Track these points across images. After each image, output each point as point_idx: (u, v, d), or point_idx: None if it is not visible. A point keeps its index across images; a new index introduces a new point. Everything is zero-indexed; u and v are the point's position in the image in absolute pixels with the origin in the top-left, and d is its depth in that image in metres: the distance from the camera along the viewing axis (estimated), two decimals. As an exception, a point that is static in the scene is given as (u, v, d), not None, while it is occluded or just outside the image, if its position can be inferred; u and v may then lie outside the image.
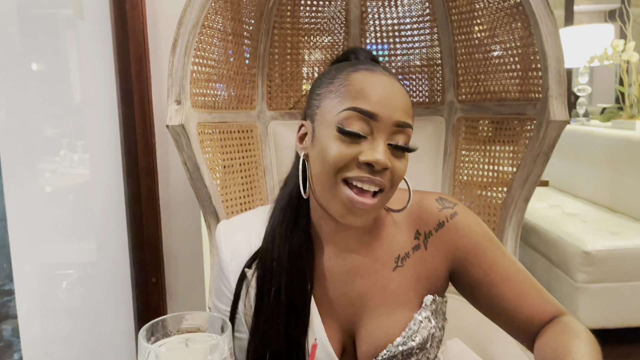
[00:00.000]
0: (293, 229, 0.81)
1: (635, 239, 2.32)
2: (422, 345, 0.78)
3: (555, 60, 1.03)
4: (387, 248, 0.83)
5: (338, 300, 0.81)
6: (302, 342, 0.78)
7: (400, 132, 0.73)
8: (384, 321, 0.79)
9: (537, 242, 2.75)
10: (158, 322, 0.52)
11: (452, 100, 1.37)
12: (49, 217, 1.45)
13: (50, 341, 1.45)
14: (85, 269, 1.54)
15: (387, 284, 0.81)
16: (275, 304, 0.78)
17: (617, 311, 2.32)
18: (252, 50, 1.34)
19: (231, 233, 0.87)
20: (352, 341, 0.82)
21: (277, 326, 0.77)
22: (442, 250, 0.82)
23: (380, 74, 0.74)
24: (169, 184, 1.47)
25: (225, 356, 0.50)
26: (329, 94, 0.75)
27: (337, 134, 0.71)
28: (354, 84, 0.73)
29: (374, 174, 0.71)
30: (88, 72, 1.43)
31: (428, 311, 0.80)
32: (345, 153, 0.71)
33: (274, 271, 0.79)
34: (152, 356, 0.49)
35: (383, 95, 0.72)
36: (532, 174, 1.14)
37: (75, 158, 1.50)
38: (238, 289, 0.82)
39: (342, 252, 0.82)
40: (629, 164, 2.74)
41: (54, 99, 1.43)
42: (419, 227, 0.83)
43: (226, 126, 1.28)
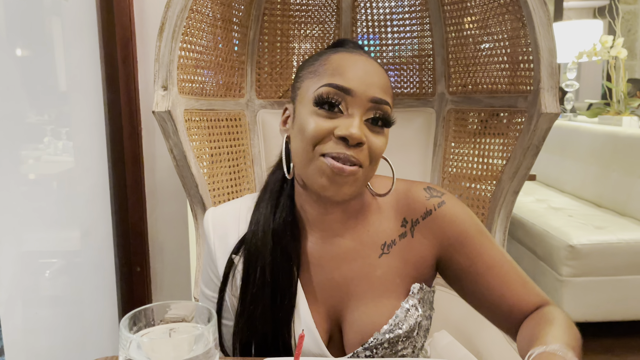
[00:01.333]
0: (277, 210, 0.83)
1: (619, 234, 2.34)
2: (409, 334, 0.78)
3: (548, 52, 1.02)
4: (373, 234, 0.83)
5: (324, 286, 0.81)
6: (288, 325, 0.78)
7: (377, 108, 0.75)
8: (370, 308, 0.79)
9: (523, 236, 2.77)
10: (141, 311, 0.51)
11: (442, 92, 1.36)
12: (32, 205, 1.42)
13: (32, 330, 1.42)
14: (69, 258, 1.51)
15: (373, 271, 0.81)
16: (261, 283, 0.78)
17: (601, 305, 2.35)
18: (241, 37, 1.32)
19: (219, 220, 0.87)
20: (339, 329, 0.81)
21: (263, 307, 0.77)
22: (429, 238, 0.82)
23: (359, 55, 0.77)
24: (155, 172, 1.45)
25: (210, 347, 0.49)
26: (309, 75, 0.78)
27: (314, 108, 0.74)
28: (331, 63, 0.76)
29: (349, 150, 0.72)
30: (73, 57, 1.40)
31: (415, 299, 0.80)
32: (322, 127, 0.73)
33: (259, 251, 0.80)
34: (133, 346, 0.48)
35: (359, 72, 0.74)
36: (522, 167, 1.13)
37: (59, 145, 1.47)
38: (226, 275, 0.82)
39: (328, 237, 0.83)
40: (614, 159, 2.76)
41: (38, 85, 1.40)
42: (406, 214, 0.84)
43: (214, 114, 1.25)
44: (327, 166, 0.72)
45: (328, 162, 0.72)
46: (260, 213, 0.83)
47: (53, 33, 1.42)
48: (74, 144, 1.45)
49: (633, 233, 2.35)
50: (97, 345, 1.49)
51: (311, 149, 0.73)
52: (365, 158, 0.74)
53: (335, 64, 0.75)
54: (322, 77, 0.75)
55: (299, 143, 0.75)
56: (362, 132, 0.72)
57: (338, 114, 0.73)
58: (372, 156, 0.75)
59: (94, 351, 1.47)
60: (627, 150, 2.66)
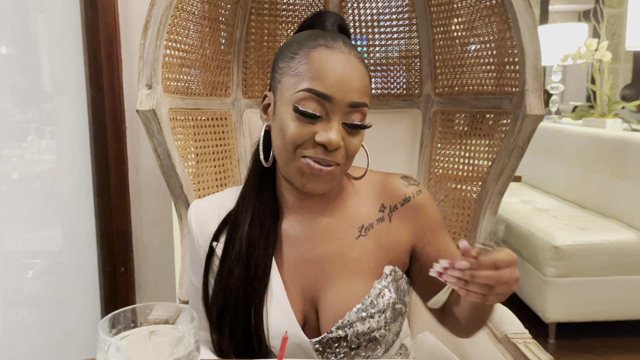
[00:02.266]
0: (260, 190, 0.86)
1: (603, 235, 2.37)
2: (380, 314, 0.80)
3: (533, 54, 1.03)
4: (350, 217, 0.86)
5: (299, 266, 0.84)
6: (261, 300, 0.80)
7: (355, 111, 0.77)
8: (344, 288, 0.81)
9: (508, 237, 2.79)
10: (120, 313, 0.50)
11: (429, 93, 1.36)
12: (14, 204, 1.39)
13: (13, 331, 1.40)
14: (51, 257, 1.49)
15: (349, 252, 0.83)
16: (237, 254, 0.81)
17: (585, 305, 2.37)
18: (227, 36, 1.31)
19: (200, 209, 0.90)
20: (315, 310, 0.83)
21: (237, 276, 0.80)
22: (406, 225, 0.87)
23: (338, 53, 0.76)
24: (139, 172, 1.43)
25: (191, 349, 0.48)
26: (289, 70, 0.78)
27: (294, 113, 0.75)
28: (311, 64, 0.76)
29: (328, 154, 0.75)
30: (56, 55, 1.37)
31: (387, 280, 0.82)
32: (302, 132, 0.75)
33: (239, 225, 0.83)
34: (112, 349, 0.47)
35: (338, 77, 0.75)
36: (506, 168, 1.14)
37: (42, 144, 1.44)
38: (207, 261, 0.85)
39: (305, 219, 0.86)
40: (598, 161, 2.80)
41: (20, 83, 1.38)
42: (384, 200, 0.87)
43: (199, 113, 1.24)
44: (307, 167, 0.76)
45: (308, 163, 0.76)
46: (245, 191, 0.87)
47: (36, 30, 1.40)
48: (57, 143, 1.42)
49: (616, 234, 2.38)
50: (80, 347, 1.47)
51: (292, 150, 0.77)
52: (342, 157, 0.78)
53: (315, 66, 0.75)
54: (301, 79, 0.76)
55: (280, 141, 0.78)
56: (340, 137, 0.75)
57: (318, 119, 0.75)
58: (348, 154, 0.78)
59: (76, 352, 1.45)
60: (611, 152, 2.70)
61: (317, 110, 0.75)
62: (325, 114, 0.75)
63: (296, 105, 0.75)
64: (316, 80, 0.74)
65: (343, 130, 0.76)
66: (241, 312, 0.79)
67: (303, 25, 0.88)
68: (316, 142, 0.75)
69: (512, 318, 1.11)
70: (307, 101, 0.74)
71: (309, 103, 0.74)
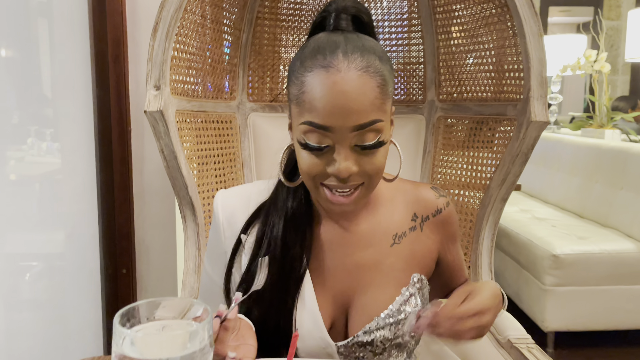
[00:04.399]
0: (290, 191, 0.84)
1: (602, 244, 2.38)
2: (407, 321, 0.81)
3: (538, 61, 1.04)
4: (384, 225, 0.86)
5: (334, 272, 0.83)
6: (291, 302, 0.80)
7: (364, 132, 0.70)
8: (377, 294, 0.82)
9: (507, 245, 2.80)
10: (134, 307, 0.50)
11: (432, 99, 1.37)
12: (17, 206, 1.39)
13: (15, 332, 1.39)
14: (54, 259, 1.48)
15: (384, 259, 0.84)
16: (272, 256, 0.80)
17: (583, 314, 2.38)
18: (234, 40, 1.32)
19: (228, 200, 0.88)
20: (344, 314, 0.83)
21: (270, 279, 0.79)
22: (435, 234, 0.89)
23: (334, 73, 0.69)
24: (143, 173, 1.44)
25: (205, 344, 0.49)
26: (294, 98, 0.74)
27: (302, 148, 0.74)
28: (307, 92, 0.70)
29: (344, 182, 0.72)
30: (62, 56, 1.38)
31: (414, 288, 0.83)
32: (314, 165, 0.73)
33: (273, 228, 0.82)
34: (127, 342, 0.47)
35: (335, 104, 0.69)
36: (510, 174, 1.15)
37: (48, 145, 1.44)
38: (233, 253, 0.84)
39: (340, 225, 0.85)
40: (597, 171, 2.81)
41: (27, 84, 1.38)
42: (416, 210, 0.88)
43: (205, 115, 1.25)
44: (327, 199, 0.75)
45: (329, 195, 0.74)
46: (278, 191, 0.86)
47: (44, 32, 1.40)
48: (63, 144, 1.43)
49: (615, 244, 2.39)
50: (81, 348, 1.46)
51: (311, 180, 0.75)
52: (363, 178, 0.74)
53: (310, 95, 0.70)
54: (302, 110, 0.71)
55: (300, 170, 0.76)
56: (352, 162, 0.71)
57: (325, 148, 0.71)
58: (370, 175, 0.74)
59: (78, 354, 1.44)
60: (610, 163, 2.72)
61: (322, 142, 0.71)
62: (331, 142, 0.71)
63: (301, 138, 0.72)
64: (313, 111, 0.70)
65: (355, 153, 0.71)
66: (271, 313, 0.79)
67: (314, 24, 0.81)
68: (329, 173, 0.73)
69: (514, 324, 1.11)
70: (310, 134, 0.71)
71: (312, 135, 0.71)
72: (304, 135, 0.71)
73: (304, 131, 0.71)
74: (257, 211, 0.85)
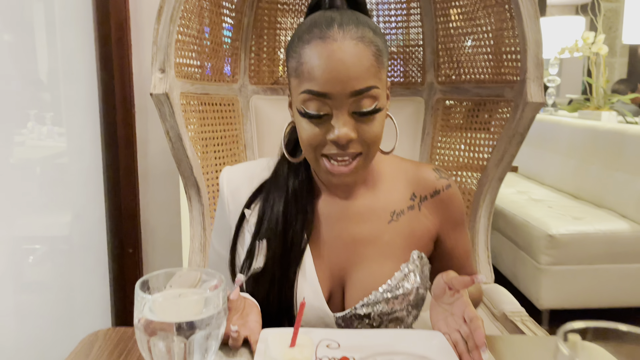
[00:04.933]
0: (291, 168, 0.87)
1: (597, 224, 2.42)
2: (404, 297, 0.83)
3: (535, 43, 1.07)
4: (383, 202, 0.88)
5: (332, 245, 0.86)
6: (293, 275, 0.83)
7: (362, 98, 0.74)
8: (375, 268, 0.84)
9: (504, 226, 2.84)
10: (153, 276, 0.54)
11: (432, 82, 1.39)
12: (25, 189, 1.42)
13: (23, 311, 1.43)
14: (62, 240, 1.52)
15: (381, 235, 0.86)
16: (273, 233, 0.83)
17: (578, 293, 2.43)
18: (235, 23, 1.33)
19: (233, 176, 0.91)
20: (341, 287, 0.86)
21: (273, 252, 0.83)
22: (434, 215, 0.90)
23: (330, 42, 0.73)
24: (147, 156, 1.46)
25: (219, 310, 0.52)
26: (292, 72, 0.78)
27: (302, 117, 0.77)
28: (306, 63, 0.74)
29: (343, 148, 0.75)
30: (66, 40, 1.39)
31: (414, 265, 0.85)
32: (314, 134, 0.76)
33: (274, 204, 0.85)
34: (147, 307, 0.51)
35: (331, 71, 0.72)
36: (507, 154, 1.18)
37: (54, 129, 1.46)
38: (237, 227, 0.87)
39: (340, 200, 0.88)
40: (593, 153, 2.85)
41: (31, 67, 1.40)
42: (415, 190, 0.90)
43: (208, 98, 1.27)
44: (327, 169, 0.77)
45: (329, 166, 0.77)
46: (279, 169, 0.89)
47: (47, 16, 1.41)
48: (69, 128, 1.45)
49: (609, 223, 2.44)
50: (89, 326, 1.50)
51: (312, 152, 0.78)
52: (362, 146, 0.76)
53: (309, 65, 0.74)
54: (301, 81, 0.75)
55: (302, 144, 0.79)
56: (351, 127, 0.74)
57: (325, 116, 0.75)
58: (368, 143, 0.77)
59: (86, 329, 1.48)
60: (606, 144, 2.75)
61: (321, 110, 0.74)
62: (330, 110, 0.74)
63: (301, 108, 0.75)
64: (311, 80, 0.73)
65: (354, 120, 0.75)
66: (274, 287, 0.82)
67: (310, 5, 0.85)
68: (329, 140, 0.75)
69: (509, 298, 1.16)
70: (309, 102, 0.74)
71: (311, 104, 0.74)
72: (303, 105, 0.75)
73: (303, 100, 0.75)
74: (259, 188, 0.89)
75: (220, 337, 0.53)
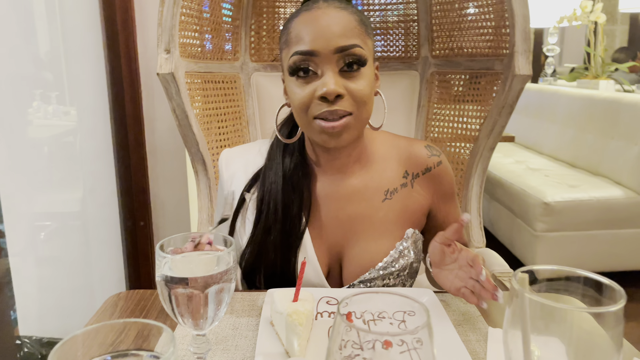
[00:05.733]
0: (286, 154, 0.92)
1: (591, 192, 2.49)
2: (400, 272, 0.89)
3: (522, 18, 1.11)
4: (377, 180, 0.92)
5: (329, 223, 0.91)
6: (295, 255, 0.88)
7: (345, 55, 0.79)
8: (371, 246, 0.89)
9: (502, 195, 2.91)
10: (170, 239, 0.61)
11: (426, 56, 1.44)
12: (41, 165, 1.49)
13: (43, 280, 1.52)
14: (77, 215, 1.59)
15: (375, 213, 0.91)
16: (273, 218, 0.88)
17: (572, 258, 2.51)
18: (236, 2, 1.38)
19: (231, 161, 0.98)
20: (339, 263, 0.92)
21: (274, 238, 0.88)
22: (426, 190, 0.94)
23: (315, 10, 0.80)
24: (155, 133, 1.53)
25: (230, 266, 0.59)
26: (283, 45, 0.84)
27: (292, 78, 0.82)
28: (293, 31, 0.81)
29: (333, 105, 0.78)
30: (74, 23, 1.44)
31: (409, 242, 0.90)
32: (304, 94, 0.80)
33: (271, 190, 0.90)
34: (166, 266, 0.58)
35: (316, 31, 0.78)
36: (497, 125, 1.24)
37: (63, 109, 1.53)
38: (237, 209, 0.93)
39: (335, 179, 0.92)
40: (590, 122, 2.89)
41: (42, 48, 1.45)
42: (407, 167, 0.93)
43: (211, 76, 1.33)
44: (321, 127, 0.80)
45: (320, 125, 0.80)
46: (271, 155, 0.93)
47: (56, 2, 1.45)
48: (79, 107, 1.51)
49: (604, 190, 2.50)
50: (106, 293, 1.59)
51: (304, 115, 0.81)
52: (351, 105, 0.80)
53: (296, 31, 0.80)
54: (289, 48, 0.81)
55: (294, 110, 0.84)
56: (339, 84, 0.78)
57: (312, 76, 0.79)
58: (357, 101, 0.80)
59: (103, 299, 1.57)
60: (602, 113, 2.79)
61: (310, 67, 0.79)
62: (317, 68, 0.79)
63: (290, 68, 0.80)
64: (299, 42, 0.79)
65: (342, 78, 0.79)
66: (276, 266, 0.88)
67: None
68: (318, 98, 0.78)
69: (499, 260, 1.23)
70: (297, 63, 0.79)
71: (299, 64, 0.79)
72: (293, 66, 0.80)
73: (292, 63, 0.80)
74: (255, 176, 0.93)
75: (232, 290, 0.60)
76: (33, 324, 1.47)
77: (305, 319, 0.66)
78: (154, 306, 0.79)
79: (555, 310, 0.38)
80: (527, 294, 0.38)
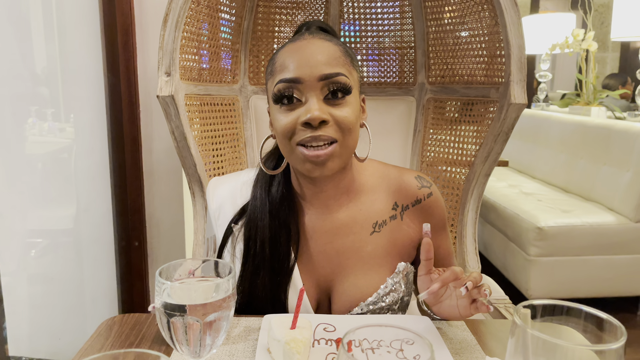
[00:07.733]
0: (271, 188, 0.91)
1: (584, 217, 2.51)
2: (391, 306, 0.88)
3: (518, 48, 1.13)
4: (365, 213, 0.91)
5: (317, 258, 0.90)
6: (285, 291, 0.87)
7: (330, 83, 0.79)
8: (359, 280, 0.88)
9: (495, 219, 2.92)
10: (169, 265, 0.61)
11: (423, 82, 1.46)
12: (37, 183, 1.48)
13: (35, 301, 1.50)
14: (70, 234, 1.58)
15: (364, 246, 0.89)
16: (261, 257, 0.87)
17: (565, 283, 2.52)
18: (235, 27, 1.40)
19: (218, 191, 0.98)
20: (327, 298, 0.91)
21: (263, 276, 0.87)
22: (415, 223, 0.92)
23: (300, 41, 0.81)
24: (152, 153, 1.53)
25: (230, 294, 0.59)
26: (268, 76, 0.85)
27: (276, 107, 0.81)
28: (278, 61, 0.82)
29: (317, 131, 0.77)
30: (75, 45, 1.46)
31: (400, 276, 0.89)
32: (288, 120, 0.79)
33: (258, 227, 0.89)
34: (165, 292, 0.58)
35: (301, 59, 0.79)
36: (492, 152, 1.25)
37: (63, 127, 1.53)
38: (224, 240, 0.92)
39: (322, 212, 0.91)
40: (582, 147, 2.93)
41: (41, 69, 1.45)
42: (397, 199, 0.92)
43: (210, 98, 1.34)
44: (304, 156, 0.79)
45: (304, 153, 0.79)
46: (257, 191, 0.92)
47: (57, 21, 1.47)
48: (77, 126, 1.51)
49: (596, 216, 2.52)
50: (98, 315, 1.58)
51: (288, 142, 0.80)
52: (336, 132, 0.78)
53: (281, 60, 0.81)
54: (274, 76, 0.82)
55: (278, 138, 0.83)
56: (323, 111, 0.77)
57: (297, 103, 0.79)
58: (342, 128, 0.79)
59: (96, 319, 1.55)
60: (594, 139, 2.82)
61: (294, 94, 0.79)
62: (301, 96, 0.79)
63: (274, 95, 0.80)
64: (283, 71, 0.79)
65: (326, 105, 0.78)
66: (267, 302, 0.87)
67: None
68: (301, 125, 0.77)
69: (494, 286, 1.23)
70: (282, 91, 0.79)
71: (283, 91, 0.79)
72: (277, 93, 0.81)
73: (277, 90, 0.80)
74: (242, 211, 0.92)
75: (230, 318, 0.60)
76: (23, 343, 1.44)
77: (303, 348, 0.65)
78: (149, 331, 0.79)
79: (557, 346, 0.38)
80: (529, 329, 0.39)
